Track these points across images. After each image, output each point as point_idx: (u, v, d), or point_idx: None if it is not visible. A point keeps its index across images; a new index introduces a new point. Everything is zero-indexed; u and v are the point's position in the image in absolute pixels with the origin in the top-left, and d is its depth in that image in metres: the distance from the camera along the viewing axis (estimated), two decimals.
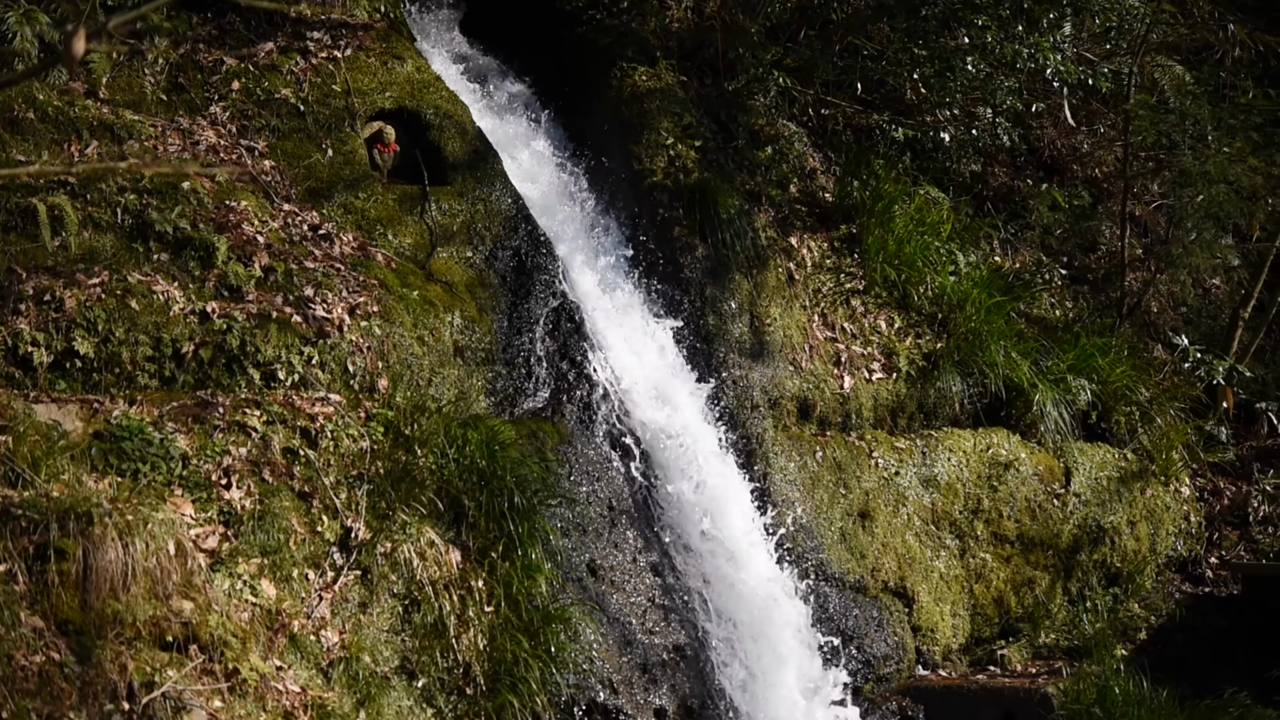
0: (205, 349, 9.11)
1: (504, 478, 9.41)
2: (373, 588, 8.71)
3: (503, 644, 9.07)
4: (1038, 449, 13.15)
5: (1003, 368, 13.09)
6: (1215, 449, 14.59)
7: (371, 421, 9.28)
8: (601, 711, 9.47)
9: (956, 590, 12.39)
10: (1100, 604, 13.12)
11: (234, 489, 8.38)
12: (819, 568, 11.41)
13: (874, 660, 11.43)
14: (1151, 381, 14.25)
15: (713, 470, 10.86)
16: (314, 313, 9.57)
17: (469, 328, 10.56)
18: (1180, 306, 16.13)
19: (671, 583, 10.42)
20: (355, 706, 8.33)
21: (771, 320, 12.14)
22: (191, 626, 7.37)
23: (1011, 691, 11.34)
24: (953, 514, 12.49)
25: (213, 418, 8.65)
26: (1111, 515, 13.25)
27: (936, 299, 13.33)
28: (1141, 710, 10.80)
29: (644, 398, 10.99)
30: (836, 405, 12.41)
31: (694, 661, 10.15)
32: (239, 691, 7.49)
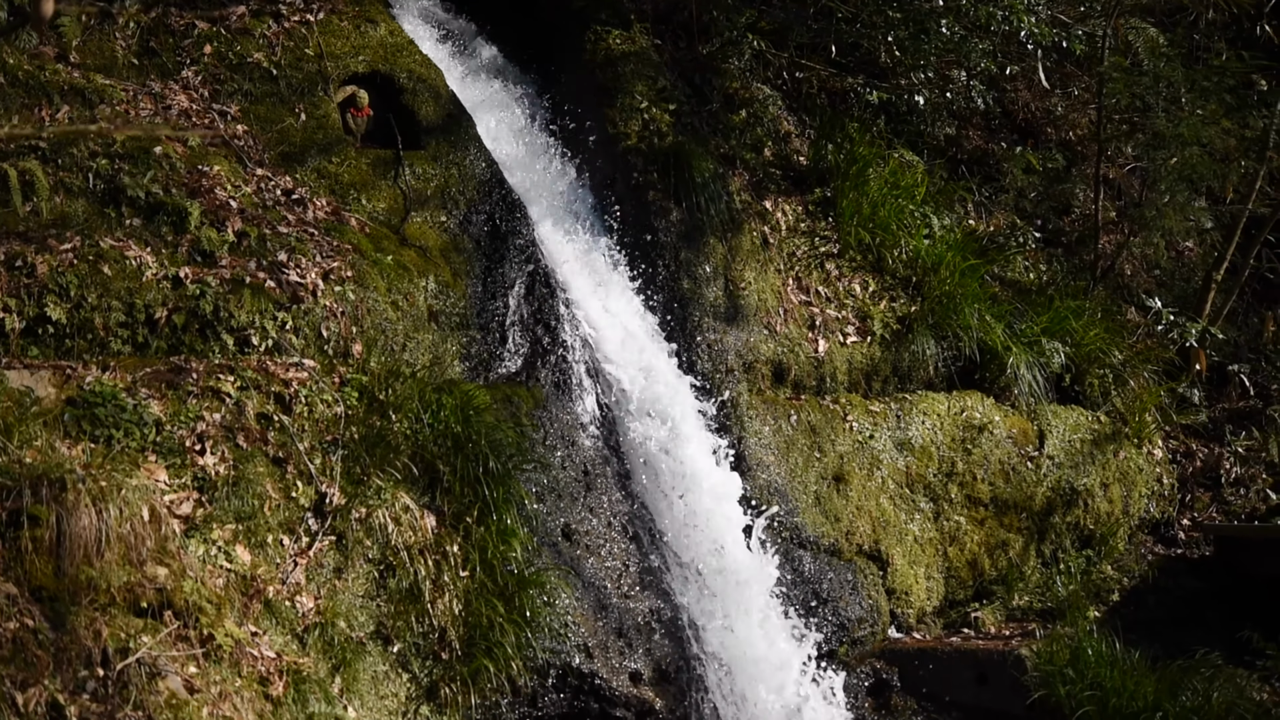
0: (178, 314, 9.08)
1: (479, 443, 9.41)
2: (348, 553, 8.71)
3: (478, 609, 9.08)
4: (1011, 412, 13.18)
5: (977, 331, 13.11)
6: (1188, 411, 14.65)
7: (346, 387, 9.27)
8: (577, 676, 9.50)
9: (930, 553, 12.43)
10: (1073, 566, 13.17)
11: (208, 455, 8.37)
12: (794, 531, 11.43)
13: (848, 623, 11.47)
14: (1125, 344, 14.28)
15: (688, 434, 10.86)
16: (287, 278, 9.54)
17: (443, 292, 10.54)
18: (1153, 269, 16.17)
19: (647, 547, 10.43)
20: (330, 672, 8.33)
21: (746, 284, 12.13)
22: (166, 592, 7.36)
23: (985, 653, 11.38)
24: (927, 477, 12.53)
25: (186, 384, 8.63)
26: (1085, 477, 13.29)
27: (911, 262, 13.34)
28: (1114, 671, 10.85)
29: (618, 362, 10.99)
30: (811, 369, 12.42)
31: (670, 626, 10.17)
32: (214, 657, 7.49)
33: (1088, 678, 10.78)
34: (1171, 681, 10.76)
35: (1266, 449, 14.32)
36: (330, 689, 8.23)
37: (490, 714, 9.14)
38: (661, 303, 11.62)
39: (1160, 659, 11.18)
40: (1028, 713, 10.86)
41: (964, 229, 14.19)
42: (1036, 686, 10.86)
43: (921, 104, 14.65)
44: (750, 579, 10.45)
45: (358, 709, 8.37)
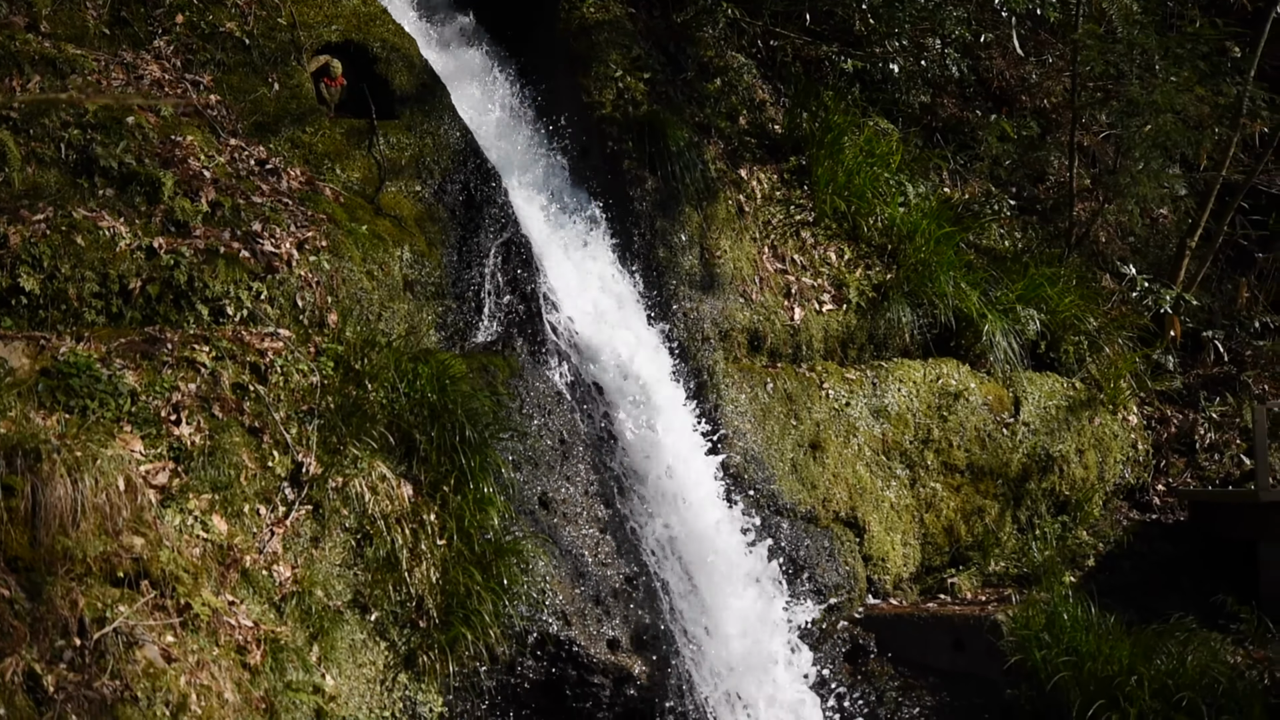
0: (153, 285, 9.05)
1: (455, 411, 9.40)
2: (324, 522, 8.71)
3: (455, 577, 9.09)
4: (987, 379, 13.21)
5: (952, 298, 13.14)
6: (1162, 377, 14.70)
7: (321, 356, 9.25)
8: (554, 643, 9.51)
9: (907, 520, 12.47)
10: (1049, 532, 13.23)
11: (184, 425, 8.35)
12: (770, 499, 11.46)
13: (825, 589, 11.50)
14: (1099, 311, 14.33)
15: (664, 402, 10.87)
16: (262, 248, 9.51)
17: (418, 262, 10.52)
18: (1128, 236, 16.21)
19: (624, 515, 10.44)
20: (308, 640, 8.34)
21: (722, 252, 12.14)
22: (142, 562, 7.34)
23: (961, 619, 11.43)
24: (903, 444, 12.56)
25: (161, 354, 8.60)
26: (1060, 444, 13.34)
27: (886, 230, 13.36)
28: (1089, 636, 10.90)
29: (594, 331, 10.99)
30: (787, 337, 12.44)
31: (646, 592, 10.19)
32: (191, 626, 7.48)
33: (1063, 642, 10.83)
34: (1146, 645, 10.82)
35: (1240, 414, 14.38)
36: (308, 657, 8.24)
37: (468, 681, 9.16)
38: (637, 271, 11.62)
39: (1135, 623, 11.24)
40: (1004, 677, 10.92)
41: (939, 197, 14.21)
42: (1012, 651, 10.92)
43: (896, 72, 14.66)
44: (727, 546, 10.45)
45: (336, 677, 8.37)
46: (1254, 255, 16.17)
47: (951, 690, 11.15)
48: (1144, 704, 10.35)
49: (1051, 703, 10.66)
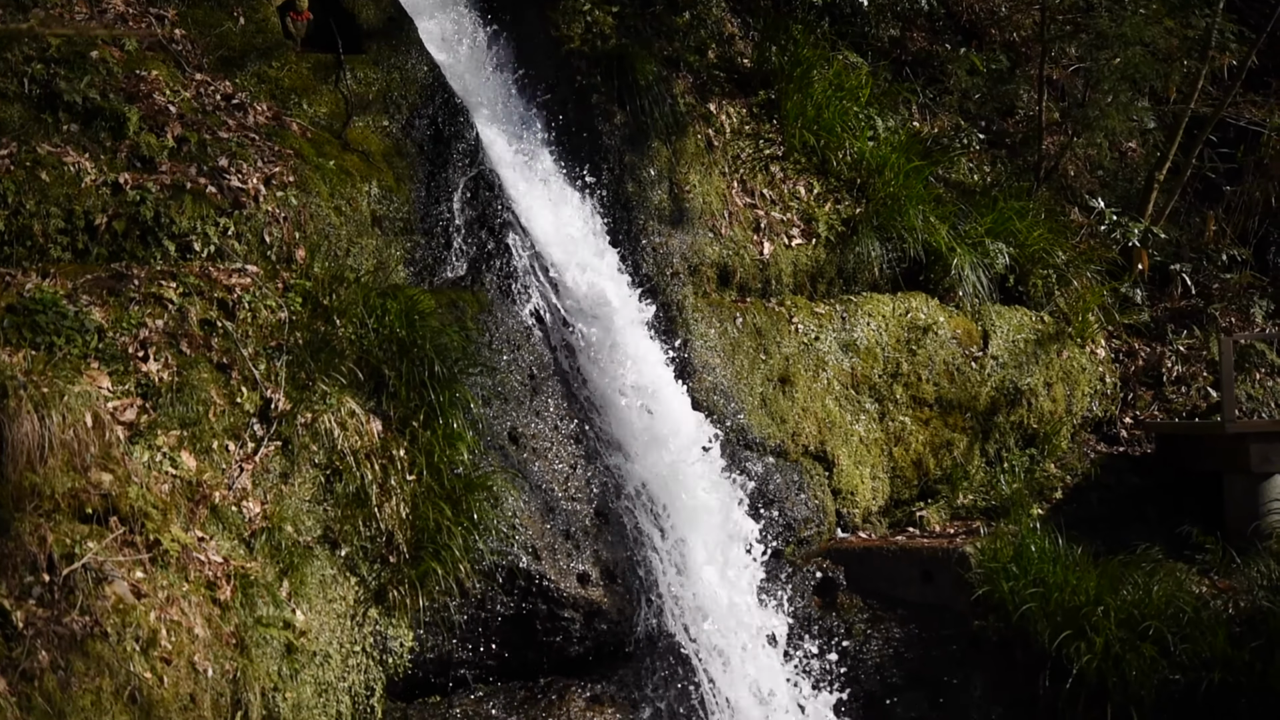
0: (119, 221, 9.01)
1: (424, 347, 9.40)
2: (294, 458, 8.71)
3: (425, 512, 9.11)
4: (956, 312, 13.25)
5: (921, 232, 13.15)
6: (1130, 311, 14.76)
7: (289, 292, 9.22)
8: (524, 577, 9.55)
9: (876, 453, 12.52)
10: (1017, 465, 13.30)
11: (151, 361, 8.33)
12: (740, 433, 11.49)
13: (795, 523, 11.55)
14: (1068, 244, 14.36)
15: (633, 337, 10.87)
16: (229, 183, 9.47)
17: (387, 197, 10.49)
18: (1097, 170, 16.23)
19: (593, 450, 10.47)
20: (278, 576, 8.35)
21: (691, 187, 12.12)
22: (111, 498, 7.34)
23: (930, 551, 11.50)
24: (872, 378, 12.60)
25: (128, 290, 8.57)
26: (1028, 377, 13.39)
27: (855, 164, 13.34)
28: (1057, 567, 10.99)
29: (564, 266, 10.97)
30: (756, 271, 12.44)
31: (616, 527, 10.23)
32: (161, 562, 7.49)
33: (1031, 573, 10.92)
34: (1113, 576, 10.93)
35: (1207, 347, 14.45)
36: (278, 593, 8.26)
37: (439, 616, 9.19)
38: (606, 206, 11.60)
39: (1102, 554, 11.34)
40: (972, 608, 11.01)
41: (908, 131, 14.19)
42: (980, 583, 11.00)
43: (865, 5, 14.63)
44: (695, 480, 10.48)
45: (306, 612, 8.40)
46: (1222, 188, 16.20)
47: (920, 622, 11.23)
48: (1110, 633, 10.45)
49: (1019, 633, 10.75)
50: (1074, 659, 10.43)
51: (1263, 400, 14.12)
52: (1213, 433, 12.72)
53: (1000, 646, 10.91)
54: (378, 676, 8.95)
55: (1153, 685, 10.29)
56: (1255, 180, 15.91)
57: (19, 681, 6.50)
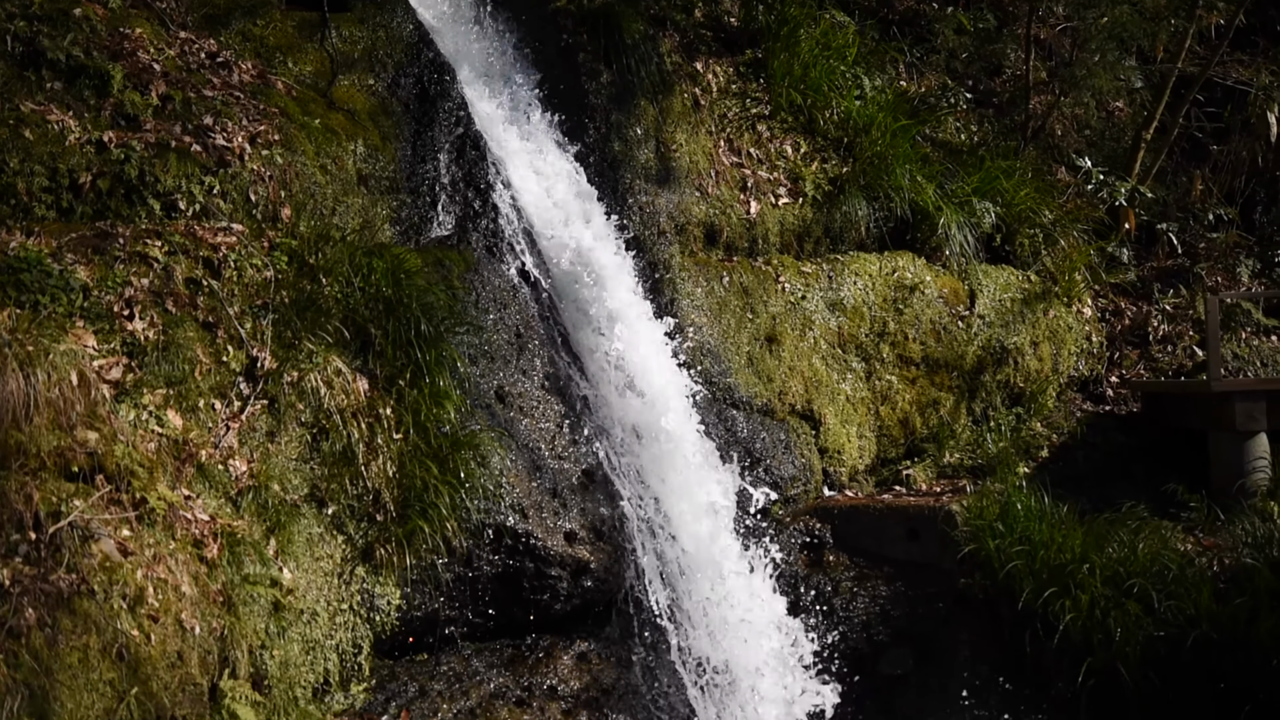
0: (103, 179, 8.97)
1: (410, 306, 9.39)
2: (280, 417, 8.70)
3: (412, 471, 9.11)
4: (943, 272, 13.25)
5: (908, 191, 13.15)
6: (1117, 270, 14.76)
7: (275, 251, 9.20)
8: (511, 535, 9.56)
9: (863, 412, 12.54)
10: (1003, 423, 13.33)
11: (137, 320, 8.31)
12: (727, 392, 11.50)
13: (782, 482, 11.58)
14: (1055, 204, 14.37)
15: (620, 296, 10.86)
16: (214, 142, 9.43)
17: (372, 156, 10.46)
18: (1084, 129, 16.21)
19: (580, 408, 10.47)
20: (265, 534, 8.35)
21: (677, 146, 12.10)
22: (97, 457, 7.33)
23: (916, 509, 11.53)
24: (859, 337, 12.60)
25: (113, 249, 8.54)
26: (1015, 336, 13.41)
27: (842, 123, 13.33)
28: (1043, 525, 11.03)
29: (550, 224, 10.96)
30: (743, 230, 12.44)
31: (603, 485, 10.24)
32: (147, 520, 7.49)
33: (1017, 532, 10.96)
34: (1098, 534, 10.96)
35: (1193, 306, 14.47)
36: (265, 551, 8.26)
37: (426, 574, 9.20)
38: (592, 165, 11.58)
39: (1088, 512, 11.38)
40: (958, 566, 11.05)
41: (895, 90, 14.18)
42: (967, 541, 11.04)
43: None
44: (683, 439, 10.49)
45: (293, 570, 8.40)
46: (1208, 148, 16.20)
47: (906, 580, 11.27)
48: (1095, 591, 10.49)
49: (1005, 591, 10.79)
50: (1059, 616, 10.47)
51: (1248, 359, 14.14)
52: (1198, 391, 12.75)
53: (986, 604, 10.95)
54: (365, 634, 8.96)
55: (1137, 642, 10.33)
56: (1242, 139, 15.91)
57: (6, 639, 6.50)
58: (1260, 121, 15.62)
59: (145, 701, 6.94)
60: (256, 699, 7.89)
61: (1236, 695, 10.13)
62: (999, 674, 10.82)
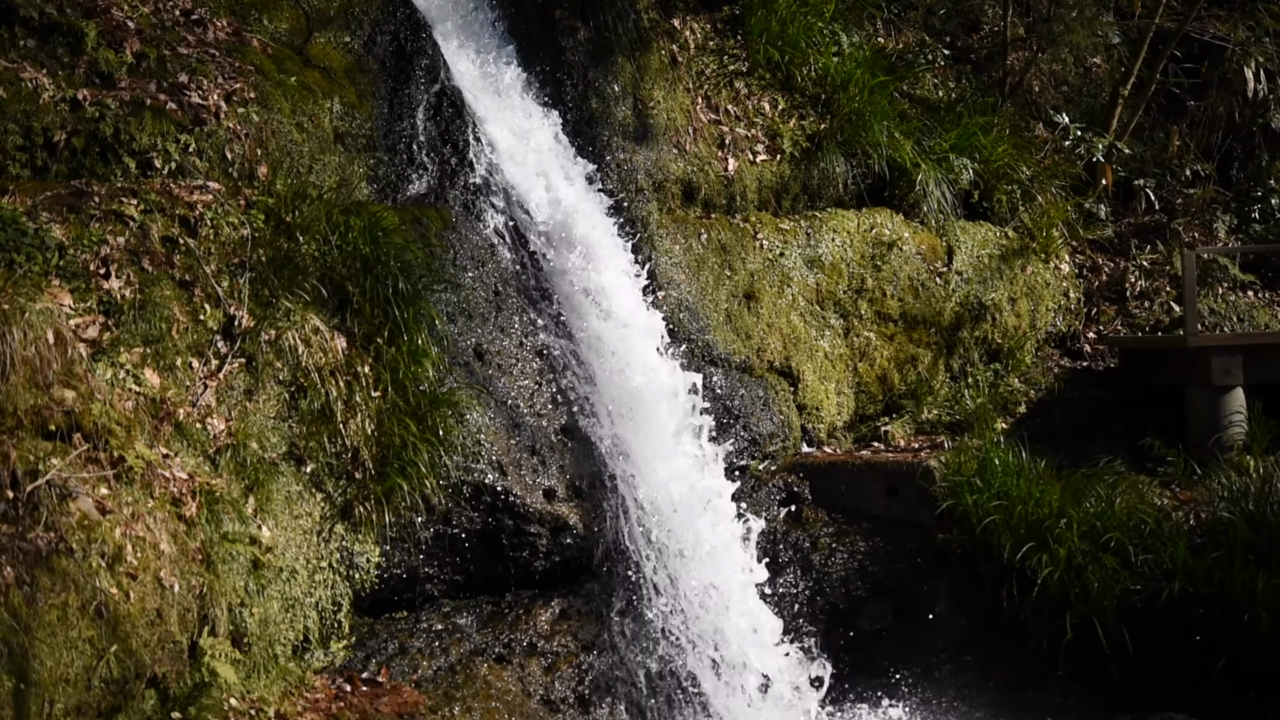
0: (78, 137, 8.93)
1: (388, 264, 9.37)
2: (258, 375, 8.69)
3: (390, 428, 9.11)
4: (921, 228, 13.26)
5: (886, 148, 13.15)
6: (1094, 226, 14.79)
7: (252, 209, 9.17)
8: (490, 493, 9.57)
9: (841, 369, 12.56)
10: (981, 379, 13.36)
11: (113, 278, 8.28)
12: (705, 349, 11.51)
13: (760, 438, 11.60)
14: (1033, 160, 14.38)
15: (598, 254, 10.85)
16: (189, 100, 9.39)
17: (349, 114, 10.42)
18: (1061, 85, 16.21)
19: (559, 366, 10.47)
20: (244, 492, 8.35)
21: (655, 103, 12.08)
22: (74, 415, 7.31)
23: (894, 465, 11.57)
24: (837, 294, 12.62)
25: (88, 207, 8.50)
26: (993, 292, 13.43)
27: (820, 80, 13.31)
28: (1020, 480, 11.08)
29: (528, 181, 10.94)
30: (721, 188, 12.43)
31: (582, 443, 10.25)
32: (125, 479, 7.48)
33: (994, 487, 11.01)
34: (1075, 489, 11.02)
35: (1170, 262, 14.51)
36: (244, 509, 8.26)
37: (405, 532, 9.21)
38: (570, 122, 11.55)
39: (1065, 467, 11.44)
40: (936, 522, 11.10)
41: (873, 46, 14.16)
42: (944, 497, 11.09)
43: None
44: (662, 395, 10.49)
45: (272, 528, 8.41)
46: (1186, 103, 16.21)
47: (884, 535, 11.31)
48: (1073, 545, 10.55)
49: (982, 545, 10.85)
50: (1037, 571, 10.54)
51: (1225, 314, 14.20)
52: (1175, 346, 12.80)
53: (964, 559, 11.01)
54: (344, 592, 8.98)
55: (1114, 596, 10.39)
56: (1219, 95, 15.93)
57: None
58: (1237, 77, 15.63)
59: (125, 659, 6.95)
60: (236, 656, 7.91)
61: (1211, 648, 10.20)
62: (977, 628, 10.88)
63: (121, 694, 7.03)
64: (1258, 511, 10.60)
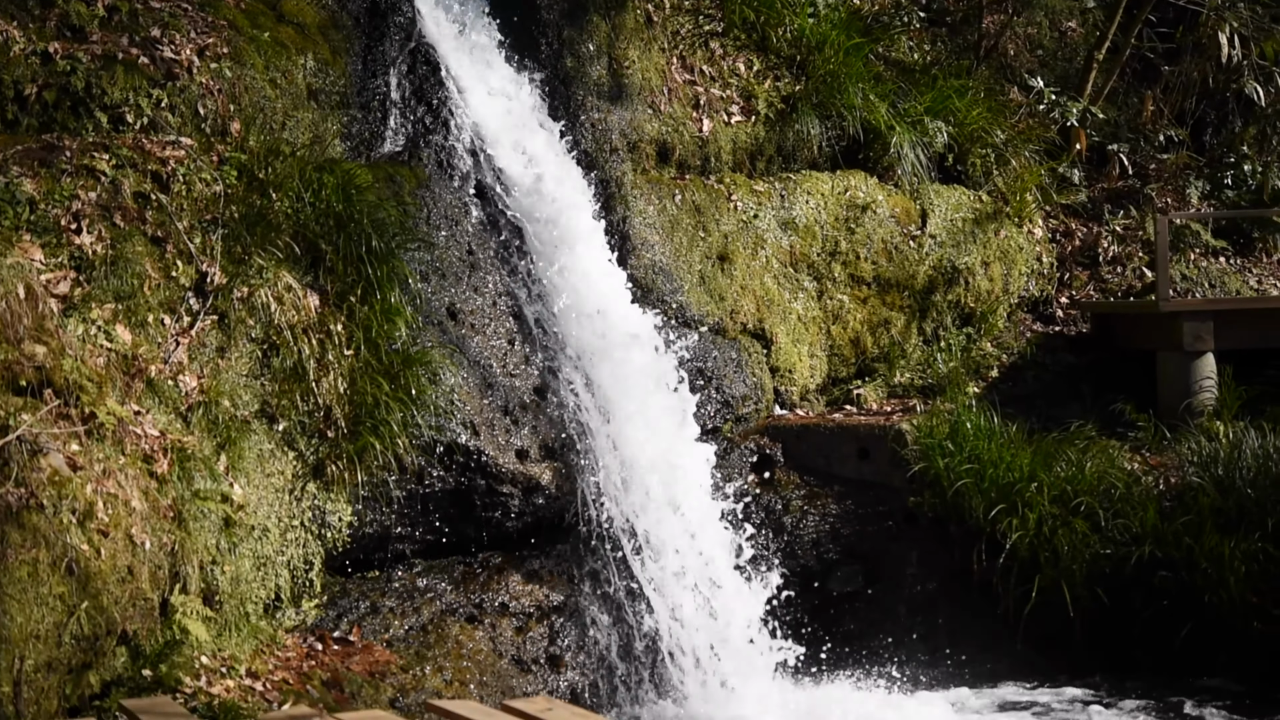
0: (49, 91, 8.86)
1: (361, 222, 9.34)
2: (230, 332, 8.65)
3: (363, 387, 9.09)
4: (895, 191, 13.25)
5: (861, 110, 13.11)
6: (1068, 190, 14.78)
7: (224, 165, 9.12)
8: (463, 453, 9.56)
9: (814, 331, 12.55)
10: (954, 343, 13.36)
11: (85, 234, 8.23)
12: (679, 310, 11.49)
13: (733, 400, 11.59)
14: (1007, 124, 14.35)
15: (572, 213, 10.81)
16: (162, 54, 9.32)
17: (322, 70, 10.36)
18: (1036, 49, 16.18)
19: (532, 326, 10.45)
20: (216, 450, 8.32)
21: (630, 63, 12.02)
22: (45, 371, 7.28)
23: (867, 429, 11.58)
24: (811, 256, 12.60)
25: (60, 161, 8.45)
26: (966, 256, 13.43)
27: (795, 41, 13.26)
28: (992, 444, 11.11)
29: (502, 141, 10.90)
30: (695, 148, 12.39)
31: (555, 403, 10.24)
32: (97, 435, 7.45)
33: (966, 450, 11.04)
34: (1046, 453, 11.05)
35: (1143, 227, 14.52)
36: (216, 467, 8.24)
37: (377, 491, 9.20)
38: (544, 81, 11.49)
39: (1036, 431, 11.47)
40: (908, 485, 11.13)
41: (848, 8, 14.10)
42: (916, 460, 11.12)
43: None
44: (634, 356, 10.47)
45: (244, 486, 8.39)
46: (1160, 69, 16.20)
47: (856, 498, 11.34)
48: (1043, 509, 10.60)
49: (954, 509, 10.89)
50: (1007, 534, 10.59)
51: (1196, 280, 14.22)
52: (1147, 312, 12.82)
53: (935, 522, 11.05)
54: (316, 551, 8.98)
55: (1084, 559, 10.46)
56: (1193, 61, 15.92)
57: None
58: (1211, 42, 15.61)
59: (96, 615, 6.93)
60: (207, 614, 7.90)
61: (1178, 612, 10.28)
62: (947, 591, 10.93)
63: (92, 650, 7.01)
64: (1226, 477, 10.67)
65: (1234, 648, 10.20)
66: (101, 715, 7.03)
